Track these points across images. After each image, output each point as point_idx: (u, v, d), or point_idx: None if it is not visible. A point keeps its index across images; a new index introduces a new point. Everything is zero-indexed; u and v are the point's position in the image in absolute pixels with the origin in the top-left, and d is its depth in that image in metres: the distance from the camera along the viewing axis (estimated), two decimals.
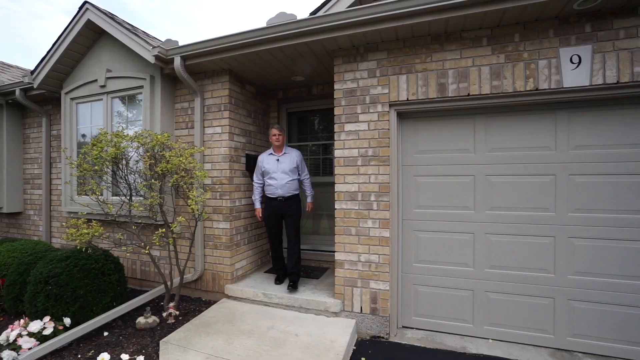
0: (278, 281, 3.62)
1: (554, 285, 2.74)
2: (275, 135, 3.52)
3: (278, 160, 3.51)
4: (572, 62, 2.49)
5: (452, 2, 2.40)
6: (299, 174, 3.59)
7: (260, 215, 3.62)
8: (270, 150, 3.61)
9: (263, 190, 3.61)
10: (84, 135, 4.34)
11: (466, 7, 2.44)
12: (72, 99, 4.28)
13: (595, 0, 2.27)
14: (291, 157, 3.55)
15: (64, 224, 3.23)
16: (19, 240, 4.19)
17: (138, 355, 2.20)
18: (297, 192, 3.56)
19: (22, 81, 4.40)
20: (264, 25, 2.94)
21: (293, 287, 3.37)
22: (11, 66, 5.91)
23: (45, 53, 4.15)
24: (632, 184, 2.53)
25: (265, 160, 3.54)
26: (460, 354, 2.71)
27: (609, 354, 2.60)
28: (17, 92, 4.52)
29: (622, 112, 2.54)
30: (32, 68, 4.81)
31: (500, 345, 2.82)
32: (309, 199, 3.71)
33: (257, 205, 3.61)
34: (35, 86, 4.26)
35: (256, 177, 3.62)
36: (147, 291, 3.52)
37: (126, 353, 2.20)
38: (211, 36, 2.95)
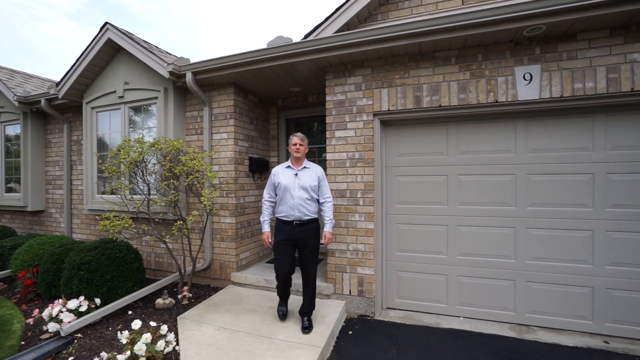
0: (283, 317, 3.03)
1: (514, 270, 3.19)
2: (295, 145, 2.91)
3: (297, 175, 2.90)
4: (525, 79, 2.94)
5: (422, 30, 2.87)
6: (318, 195, 2.97)
7: (269, 241, 2.96)
8: (288, 163, 2.99)
9: (274, 211, 3.03)
10: (101, 141, 4.82)
11: (434, 34, 2.90)
12: (92, 108, 4.76)
13: (540, 29, 2.73)
14: (313, 172, 2.95)
15: (97, 217, 3.69)
16: (44, 235, 4.68)
17: (162, 325, 2.66)
18: (316, 216, 2.94)
19: (47, 92, 4.90)
20: (264, 46, 3.41)
21: (308, 329, 2.82)
22: (32, 76, 6.41)
23: (69, 67, 4.63)
24: (574, 182, 2.98)
25: (281, 173, 2.94)
26: (434, 329, 3.17)
27: (558, 327, 3.05)
28: (43, 101, 5.01)
29: (566, 121, 3.00)
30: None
31: (469, 321, 3.27)
32: (327, 227, 2.90)
33: (266, 229, 2.97)
34: (60, 97, 4.75)
35: (267, 194, 3.00)
36: (161, 280, 3.99)
37: (152, 322, 2.67)
38: (219, 55, 3.31)
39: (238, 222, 4.12)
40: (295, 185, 2.87)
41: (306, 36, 3.52)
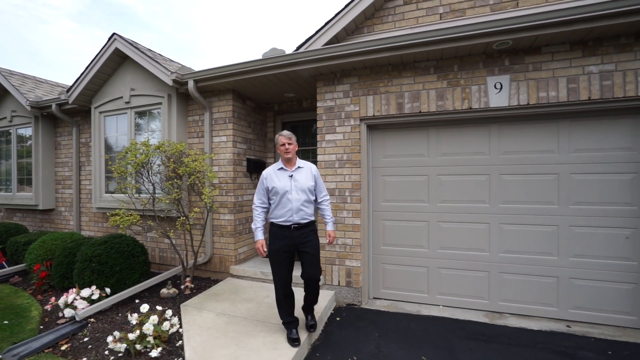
0: (295, 342, 2.62)
1: (488, 262, 3.49)
2: (284, 145, 2.69)
3: (292, 176, 2.70)
4: (496, 88, 3.24)
5: (402, 43, 3.17)
6: (315, 195, 2.82)
7: (264, 249, 2.74)
8: (280, 164, 2.76)
9: (266, 217, 2.82)
10: (107, 142, 5.14)
11: (413, 47, 3.19)
12: (100, 112, 5.08)
13: (507, 43, 3.03)
14: (308, 172, 2.77)
15: (107, 214, 3.99)
16: (56, 232, 5.00)
17: (167, 310, 2.96)
18: (314, 219, 2.78)
19: (58, 97, 5.22)
20: (260, 57, 3.72)
21: (313, 327, 2.87)
22: (42, 81, 6.73)
23: (79, 75, 4.94)
24: (541, 181, 3.28)
25: (274, 176, 2.72)
26: (415, 316, 3.46)
27: (527, 313, 3.35)
28: (54, 106, 5.33)
29: (534, 126, 3.29)
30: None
31: (448, 309, 3.57)
32: (329, 227, 2.84)
33: (260, 236, 2.73)
34: (70, 102, 5.07)
35: (258, 199, 2.79)
36: (165, 272, 4.30)
37: (158, 308, 2.98)
38: (218, 64, 3.56)
39: (236, 219, 4.43)
40: (293, 188, 2.66)
41: (298, 47, 3.82)
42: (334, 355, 2.72)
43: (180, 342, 2.77)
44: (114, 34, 4.60)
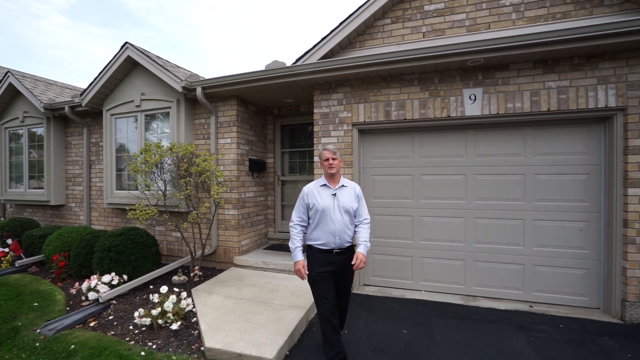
0: None
1: (464, 252, 3.96)
2: (327, 160, 2.48)
3: (335, 195, 2.48)
4: (470, 99, 3.70)
5: (389, 60, 3.61)
6: (355, 217, 2.55)
7: (306, 272, 2.46)
8: (322, 181, 2.56)
9: (304, 237, 2.59)
10: (118, 143, 5.52)
11: (398, 63, 3.64)
12: (112, 114, 5.45)
13: (480, 61, 3.48)
14: (351, 191, 2.55)
15: (127, 208, 4.38)
16: (70, 226, 5.37)
17: (182, 292, 3.38)
18: (353, 242, 2.57)
19: (72, 100, 5.57)
20: (263, 68, 4.14)
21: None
22: (52, 83, 7.06)
23: (92, 80, 5.32)
24: (510, 181, 3.76)
25: (316, 193, 2.51)
26: (400, 299, 3.92)
27: (497, 296, 3.82)
28: (66, 108, 5.69)
29: (504, 132, 3.77)
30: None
31: (429, 294, 4.04)
32: (361, 248, 2.44)
33: (299, 257, 2.48)
34: (83, 104, 5.43)
35: (296, 216, 2.57)
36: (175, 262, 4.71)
37: (176, 289, 3.40)
38: (224, 74, 3.91)
39: (239, 214, 4.85)
40: (335, 208, 2.44)
41: (297, 60, 4.25)
42: None
43: (194, 318, 3.20)
44: (126, 42, 4.97)
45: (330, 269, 2.42)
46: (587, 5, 3.45)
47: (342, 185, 2.55)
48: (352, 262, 2.39)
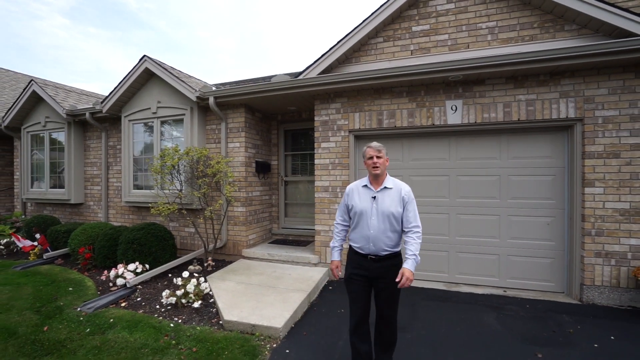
0: None
1: (448, 244, 4.47)
2: (372, 158, 2.32)
3: (375, 198, 2.31)
4: (452, 110, 4.21)
5: (379, 75, 4.13)
6: (402, 223, 2.29)
7: (339, 271, 2.45)
8: (365, 181, 2.41)
9: (346, 236, 2.52)
10: (135, 146, 6.02)
11: (388, 78, 4.15)
12: (129, 120, 5.96)
13: (459, 77, 4.00)
14: (396, 194, 2.30)
15: (154, 205, 4.89)
16: (92, 222, 5.88)
17: (200, 277, 3.90)
18: (398, 250, 2.33)
19: (93, 107, 6.09)
20: (269, 81, 4.65)
21: None
22: (70, 90, 7.58)
23: (112, 88, 5.81)
24: (487, 181, 4.27)
25: (356, 194, 2.40)
26: None
27: (476, 283, 4.34)
28: (87, 114, 6.20)
29: (482, 139, 4.28)
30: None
31: (416, 281, 4.54)
32: (408, 264, 2.16)
33: (335, 257, 2.47)
34: (103, 111, 5.94)
35: (339, 216, 2.53)
36: (190, 254, 5.23)
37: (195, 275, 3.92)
38: (234, 86, 4.29)
39: (247, 211, 5.36)
40: (373, 212, 2.27)
41: (299, 74, 4.77)
42: (327, 308, 3.68)
43: (212, 300, 3.71)
44: (144, 55, 5.49)
45: (364, 274, 2.28)
46: (550, 30, 3.97)
47: (385, 187, 2.31)
48: (397, 279, 2.12)
